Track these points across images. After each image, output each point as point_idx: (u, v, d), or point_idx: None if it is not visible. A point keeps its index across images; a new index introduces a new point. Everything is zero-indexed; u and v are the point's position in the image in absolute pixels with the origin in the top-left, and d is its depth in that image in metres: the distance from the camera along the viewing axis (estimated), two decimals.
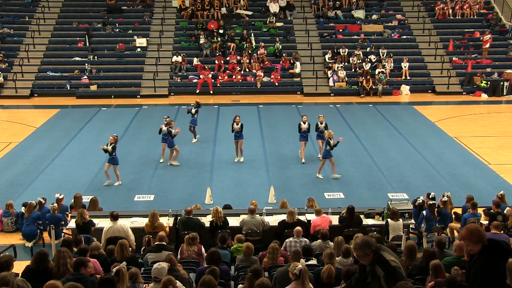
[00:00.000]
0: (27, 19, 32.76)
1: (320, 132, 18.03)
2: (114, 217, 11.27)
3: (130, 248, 9.95)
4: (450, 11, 33.96)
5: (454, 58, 30.88)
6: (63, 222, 12.82)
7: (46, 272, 7.57)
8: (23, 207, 13.33)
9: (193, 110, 19.91)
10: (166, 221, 12.07)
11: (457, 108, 26.65)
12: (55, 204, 12.96)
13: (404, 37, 32.69)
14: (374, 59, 30.24)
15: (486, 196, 14.42)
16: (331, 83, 29.08)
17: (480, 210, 12.84)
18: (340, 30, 32.95)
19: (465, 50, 31.76)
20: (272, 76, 29.14)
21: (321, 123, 18.12)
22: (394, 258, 5.64)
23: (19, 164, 18.39)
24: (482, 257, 5.29)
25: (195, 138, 20.32)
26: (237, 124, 18.09)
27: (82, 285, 5.93)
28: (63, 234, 12.57)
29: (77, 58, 30.50)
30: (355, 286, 6.06)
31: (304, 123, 18.11)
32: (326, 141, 16.75)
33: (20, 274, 7.68)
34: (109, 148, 16.02)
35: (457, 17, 33.97)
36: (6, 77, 28.78)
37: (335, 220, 12.17)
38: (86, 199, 14.01)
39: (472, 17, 34.02)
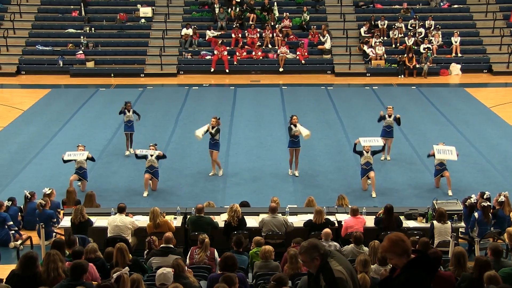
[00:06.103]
0: None
1: (388, 127, 17.42)
2: (119, 209, 11.92)
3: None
4: None
5: None
6: (54, 220, 12.95)
7: (33, 278, 7.66)
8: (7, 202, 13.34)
9: (130, 113, 18.03)
10: (171, 219, 12.18)
11: None
12: (45, 199, 13.03)
13: (456, 6, 32.27)
14: (419, 33, 29.94)
15: None
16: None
17: None
18: None
19: None
20: (298, 53, 29.03)
21: (389, 116, 17.47)
22: (343, 268, 5.56)
23: (3, 153, 18.59)
24: (406, 272, 5.32)
25: (129, 148, 18.20)
26: (212, 128, 16.35)
27: None
28: (54, 234, 12.70)
29: (71, 30, 30.62)
30: None
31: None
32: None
33: (4, 280, 7.77)
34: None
35: None
36: None
37: (370, 221, 12.13)
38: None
39: None
